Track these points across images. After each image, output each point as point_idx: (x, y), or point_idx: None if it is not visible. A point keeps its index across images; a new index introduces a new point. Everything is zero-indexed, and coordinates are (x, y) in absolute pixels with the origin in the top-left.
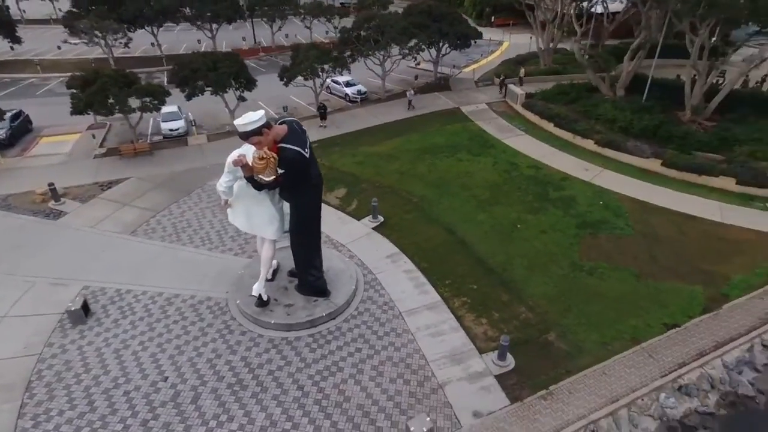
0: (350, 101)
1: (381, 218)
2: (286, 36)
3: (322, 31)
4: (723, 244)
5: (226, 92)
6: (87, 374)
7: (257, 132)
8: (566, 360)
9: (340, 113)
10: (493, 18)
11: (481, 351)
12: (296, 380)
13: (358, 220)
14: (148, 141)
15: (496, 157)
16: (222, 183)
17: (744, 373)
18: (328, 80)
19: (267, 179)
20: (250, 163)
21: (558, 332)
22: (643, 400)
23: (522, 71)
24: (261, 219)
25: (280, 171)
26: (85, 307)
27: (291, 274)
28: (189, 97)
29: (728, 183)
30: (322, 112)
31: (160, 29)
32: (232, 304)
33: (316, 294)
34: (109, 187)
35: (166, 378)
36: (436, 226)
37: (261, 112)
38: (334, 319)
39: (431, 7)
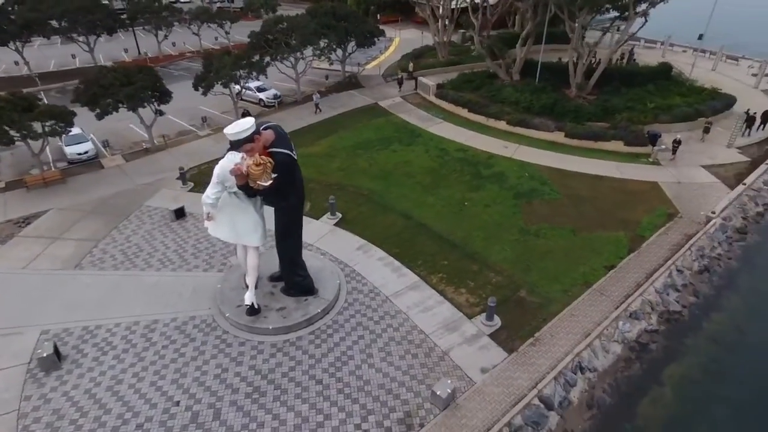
0: (266, 106)
1: (339, 214)
2: (173, 45)
3: (210, 38)
4: (628, 196)
5: (144, 107)
6: (85, 418)
7: (249, 139)
8: (540, 310)
9: (261, 119)
10: (378, 16)
11: (470, 316)
12: (312, 376)
13: (317, 219)
14: (53, 168)
15: (426, 144)
16: (210, 196)
17: (670, 294)
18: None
19: (265, 184)
20: (244, 171)
21: (527, 289)
22: (607, 330)
23: (411, 65)
24: (246, 227)
25: (273, 175)
26: (56, 351)
27: (272, 279)
28: (101, 116)
29: (618, 146)
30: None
31: (25, 45)
32: (220, 319)
33: (304, 293)
34: (28, 223)
35: (178, 402)
36: (392, 214)
37: (251, 120)
38: (327, 313)
39: (335, 8)
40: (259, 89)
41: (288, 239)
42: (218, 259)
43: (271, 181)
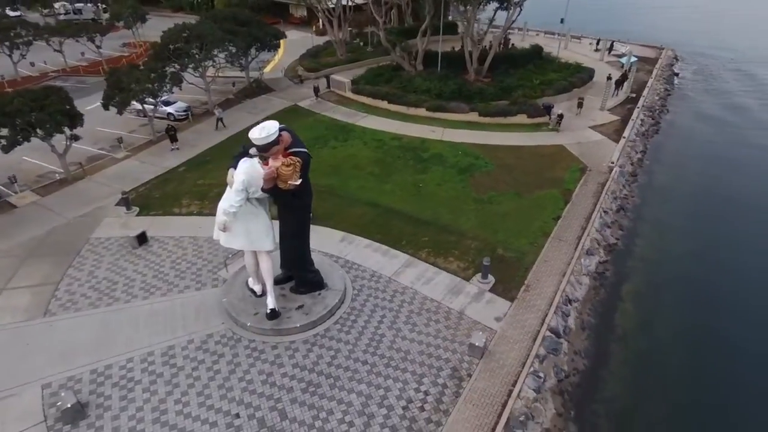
0: (176, 119)
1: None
2: (32, 65)
3: (75, 54)
4: (545, 159)
5: (62, 132)
6: None
7: (276, 142)
8: (519, 262)
9: (179, 133)
10: None
11: (467, 279)
12: (356, 359)
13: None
14: None
15: (362, 138)
16: (234, 205)
17: (606, 231)
18: (134, 103)
19: (296, 183)
20: (265, 175)
21: (502, 247)
22: (575, 267)
23: (300, 69)
24: (259, 233)
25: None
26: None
27: (276, 282)
28: (9, 149)
29: (523, 119)
30: (172, 134)
31: None
32: (240, 331)
33: (315, 288)
34: None
35: (238, 414)
36: (359, 205)
37: (275, 122)
38: (343, 302)
39: (235, 12)
40: (165, 102)
41: (300, 238)
42: (206, 275)
43: (300, 180)
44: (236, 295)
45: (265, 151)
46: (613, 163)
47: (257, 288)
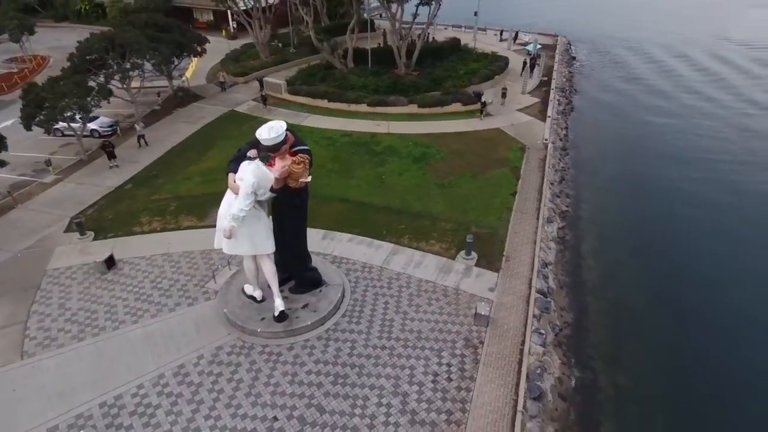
0: (101, 136)
1: None
2: None
3: None
4: (488, 142)
5: None
6: None
7: (285, 140)
8: (493, 237)
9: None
10: None
11: (452, 258)
12: (375, 346)
13: None
14: None
15: (311, 137)
16: (245, 208)
17: (556, 200)
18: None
19: (307, 180)
20: (279, 174)
21: (474, 225)
22: (542, 235)
23: (222, 74)
24: (260, 236)
25: None
26: None
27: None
28: None
29: (458, 107)
30: (110, 150)
31: None
32: (250, 338)
33: (316, 286)
34: None
35: (275, 417)
36: (331, 202)
37: (282, 122)
38: (344, 296)
39: (155, 18)
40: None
41: (300, 237)
42: (194, 290)
43: (310, 177)
44: (235, 303)
45: (275, 151)
46: (546, 140)
47: (257, 294)
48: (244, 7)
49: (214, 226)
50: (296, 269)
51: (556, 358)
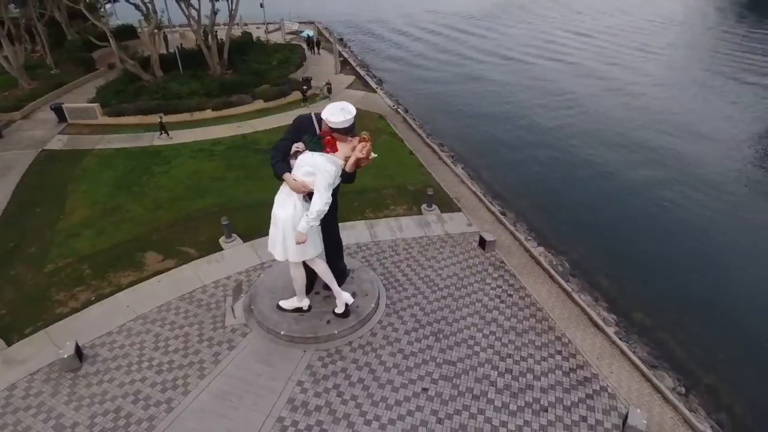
0: None
1: (234, 235)
2: None
3: None
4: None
5: None
6: None
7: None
8: (429, 188)
9: None
10: None
11: (421, 213)
12: (437, 298)
13: (210, 253)
14: None
15: (183, 153)
16: (328, 201)
17: (444, 148)
18: None
19: (375, 155)
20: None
21: (410, 185)
22: (463, 177)
23: None
24: (315, 235)
25: None
26: None
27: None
28: None
29: (298, 95)
30: None
31: None
32: (330, 344)
33: (345, 277)
34: None
35: (424, 388)
36: (266, 207)
37: (348, 103)
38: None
39: None
40: None
41: (336, 223)
42: (218, 335)
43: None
44: (286, 324)
45: (347, 134)
46: (392, 106)
47: (305, 303)
48: None
49: (164, 271)
50: (336, 260)
51: (550, 257)
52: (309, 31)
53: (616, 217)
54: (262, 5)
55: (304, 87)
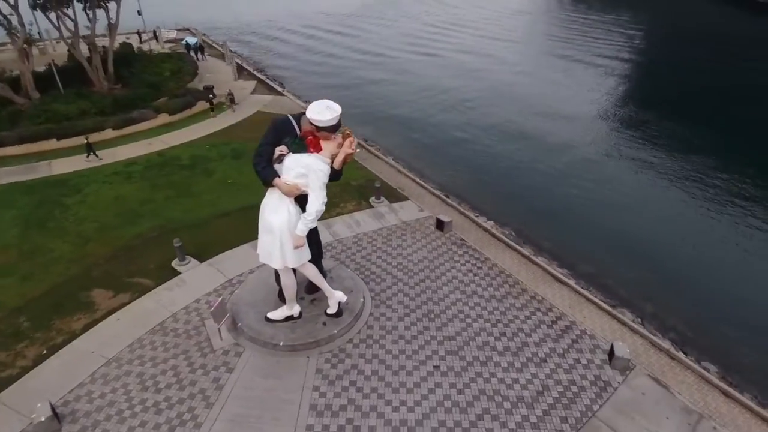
0: None
1: (188, 257)
2: None
3: None
4: (268, 121)
5: None
6: None
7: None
8: (373, 181)
9: None
10: None
11: (372, 206)
12: (417, 282)
13: (167, 280)
14: None
15: (100, 178)
16: (324, 200)
17: (378, 140)
18: None
19: (357, 150)
20: (342, 154)
21: (352, 180)
22: (395, 164)
23: None
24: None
25: None
26: None
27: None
28: None
29: (205, 105)
30: None
31: None
32: (332, 344)
33: (325, 276)
34: None
35: (436, 366)
36: (216, 222)
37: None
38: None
39: None
40: None
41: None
42: (209, 360)
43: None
44: (282, 334)
45: (333, 131)
46: (304, 106)
47: (296, 310)
48: None
49: (119, 308)
50: (318, 259)
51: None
52: (192, 38)
53: (526, 186)
54: (140, 13)
55: (210, 96)
